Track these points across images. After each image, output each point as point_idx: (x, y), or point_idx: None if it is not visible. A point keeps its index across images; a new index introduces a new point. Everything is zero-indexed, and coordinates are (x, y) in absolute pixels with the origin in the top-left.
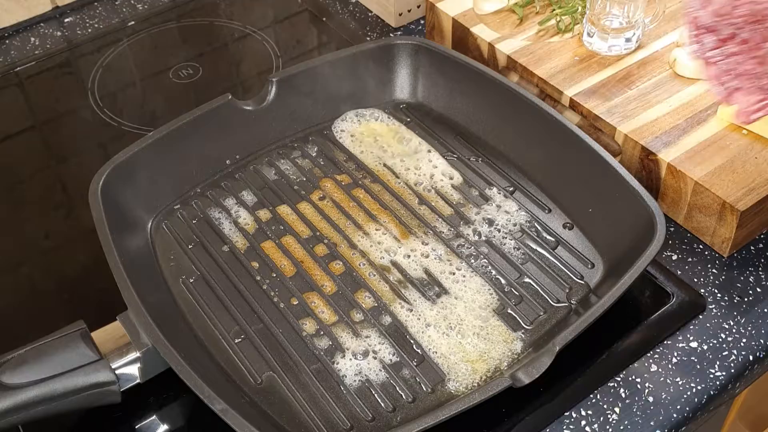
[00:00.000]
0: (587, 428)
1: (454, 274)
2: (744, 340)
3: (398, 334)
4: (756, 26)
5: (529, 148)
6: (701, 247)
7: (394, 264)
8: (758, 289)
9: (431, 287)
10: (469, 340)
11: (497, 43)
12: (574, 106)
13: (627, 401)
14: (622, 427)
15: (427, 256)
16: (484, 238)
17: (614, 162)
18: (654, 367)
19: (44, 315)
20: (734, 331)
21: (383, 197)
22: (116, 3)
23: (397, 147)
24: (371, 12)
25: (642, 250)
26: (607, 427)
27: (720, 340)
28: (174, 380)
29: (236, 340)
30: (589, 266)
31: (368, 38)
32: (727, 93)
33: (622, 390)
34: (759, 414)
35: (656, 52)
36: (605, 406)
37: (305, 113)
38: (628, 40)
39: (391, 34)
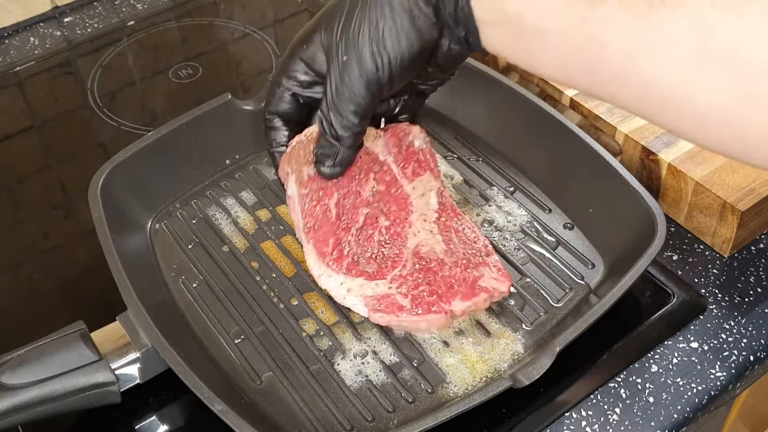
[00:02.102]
0: (587, 428)
1: None
2: (745, 341)
3: (398, 335)
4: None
5: (529, 148)
6: (702, 247)
7: None
8: (759, 289)
9: None
10: (470, 340)
11: None
12: (574, 105)
13: (627, 402)
14: (622, 428)
15: None
16: None
17: (615, 162)
18: (654, 368)
19: (44, 315)
20: (735, 331)
21: None
22: (116, 3)
23: None
24: None
25: (642, 251)
26: (608, 427)
27: (721, 340)
28: (174, 380)
29: (236, 341)
30: (590, 266)
31: None
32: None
33: (622, 390)
34: (760, 414)
35: None
36: (606, 407)
37: None
38: None
39: None
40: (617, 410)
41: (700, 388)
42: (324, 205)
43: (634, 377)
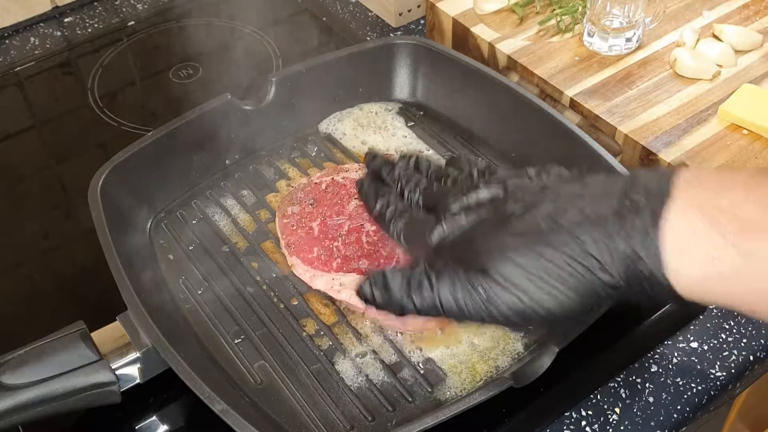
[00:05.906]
0: (587, 428)
1: None
2: (744, 341)
3: (398, 334)
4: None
5: (529, 149)
6: None
7: None
8: None
9: None
10: (470, 340)
11: (497, 43)
12: (574, 106)
13: (627, 401)
14: (622, 428)
15: None
16: None
17: (615, 162)
18: (654, 368)
19: (44, 315)
20: (734, 331)
21: None
22: (116, 3)
23: (397, 147)
24: (371, 12)
25: None
26: (608, 427)
27: (720, 340)
28: (174, 380)
29: (236, 340)
30: None
31: (368, 38)
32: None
33: (622, 390)
34: (759, 414)
35: (656, 52)
36: (605, 407)
37: (305, 113)
38: (628, 39)
39: (391, 34)
40: (617, 410)
41: (700, 388)
42: (306, 226)
43: (634, 377)
